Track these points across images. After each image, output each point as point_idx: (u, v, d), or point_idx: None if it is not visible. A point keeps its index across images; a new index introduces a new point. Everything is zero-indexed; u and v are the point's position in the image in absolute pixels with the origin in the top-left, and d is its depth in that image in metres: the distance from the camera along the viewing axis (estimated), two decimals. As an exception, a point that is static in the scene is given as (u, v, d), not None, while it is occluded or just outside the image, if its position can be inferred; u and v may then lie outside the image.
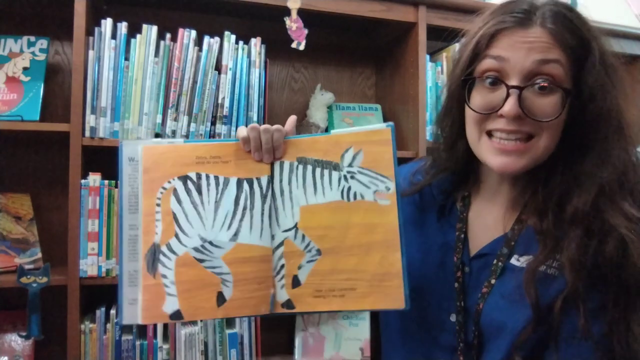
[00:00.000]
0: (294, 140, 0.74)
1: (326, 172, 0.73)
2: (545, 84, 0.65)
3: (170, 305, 0.69)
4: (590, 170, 0.66)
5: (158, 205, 0.71)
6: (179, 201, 0.71)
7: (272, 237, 0.73)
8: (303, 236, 0.72)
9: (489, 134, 0.69)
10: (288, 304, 0.72)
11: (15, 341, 1.31)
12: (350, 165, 0.72)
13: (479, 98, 0.69)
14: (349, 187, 0.72)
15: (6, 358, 1.29)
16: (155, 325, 1.30)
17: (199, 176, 0.72)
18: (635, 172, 0.67)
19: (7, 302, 1.35)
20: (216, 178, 0.72)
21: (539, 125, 0.66)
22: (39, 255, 1.36)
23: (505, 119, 0.66)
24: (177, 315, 0.70)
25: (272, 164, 0.73)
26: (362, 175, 0.72)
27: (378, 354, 1.49)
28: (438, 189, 0.81)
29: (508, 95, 0.65)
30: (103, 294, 1.34)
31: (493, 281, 0.71)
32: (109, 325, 1.27)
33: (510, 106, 0.65)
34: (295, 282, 0.72)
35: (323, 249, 0.72)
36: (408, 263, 0.71)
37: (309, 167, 0.73)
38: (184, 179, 0.72)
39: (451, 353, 0.73)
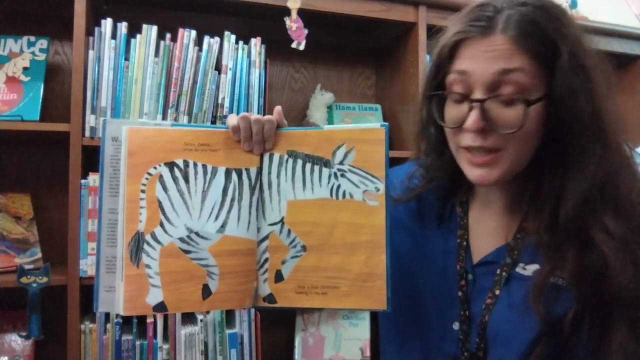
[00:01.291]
0: (285, 133, 0.73)
1: (316, 167, 0.71)
2: (508, 96, 0.62)
3: (154, 296, 0.67)
4: (572, 180, 0.63)
5: (143, 191, 0.68)
6: (164, 189, 0.68)
7: (258, 229, 0.72)
8: (289, 231, 0.71)
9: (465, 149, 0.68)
10: (270, 298, 0.72)
11: (15, 341, 1.31)
12: (341, 162, 0.71)
13: (448, 112, 0.68)
14: (339, 185, 0.71)
15: (6, 358, 1.29)
16: (155, 325, 1.30)
17: (186, 163, 0.69)
18: (617, 179, 0.63)
19: (7, 302, 1.35)
20: (204, 167, 0.70)
21: (504, 137, 0.64)
22: (39, 255, 1.36)
23: (471, 134, 0.65)
24: (160, 307, 0.67)
25: (261, 155, 0.72)
26: (352, 174, 0.71)
27: (378, 354, 1.49)
28: (435, 195, 0.80)
29: (471, 109, 0.64)
30: (103, 294, 1.34)
31: (497, 292, 0.69)
32: (109, 325, 1.27)
33: (472, 121, 0.64)
34: (278, 277, 0.71)
35: (308, 245, 0.71)
36: (409, 269, 0.70)
37: (299, 162, 0.72)
38: (171, 165, 0.69)
39: None
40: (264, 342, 1.43)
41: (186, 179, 0.69)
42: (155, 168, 0.68)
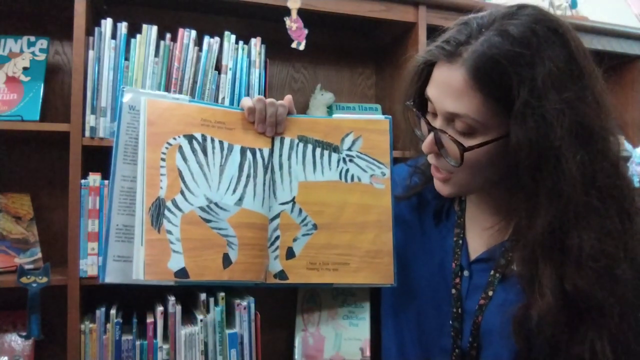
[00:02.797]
0: (296, 119, 0.76)
1: (326, 152, 0.75)
2: (458, 132, 0.63)
3: (176, 262, 0.68)
4: (535, 210, 0.61)
5: (163, 159, 0.69)
6: (184, 159, 0.70)
7: (269, 208, 0.74)
8: (300, 210, 0.74)
9: None
10: (281, 274, 0.74)
11: (15, 341, 1.31)
12: (349, 149, 0.76)
13: (423, 123, 0.70)
14: (347, 169, 0.76)
15: (6, 358, 1.29)
16: (155, 325, 1.30)
17: (204, 138, 0.72)
18: (574, 228, 0.59)
19: (7, 302, 1.35)
20: (221, 142, 0.72)
21: (452, 167, 0.65)
22: (39, 255, 1.36)
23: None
24: (182, 274, 0.68)
25: (272, 139, 0.75)
26: (360, 159, 0.76)
27: (378, 354, 1.49)
28: (433, 193, 0.80)
29: (429, 132, 0.66)
30: (103, 294, 1.34)
31: (491, 293, 0.70)
32: (109, 325, 1.27)
33: (425, 143, 0.67)
34: (290, 254, 0.74)
35: (319, 224, 0.74)
36: (408, 264, 0.71)
37: (310, 146, 0.75)
38: (190, 138, 0.71)
39: (450, 357, 0.73)
40: (264, 342, 1.43)
41: (204, 152, 0.71)
42: (174, 139, 0.70)
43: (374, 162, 0.76)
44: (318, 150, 0.75)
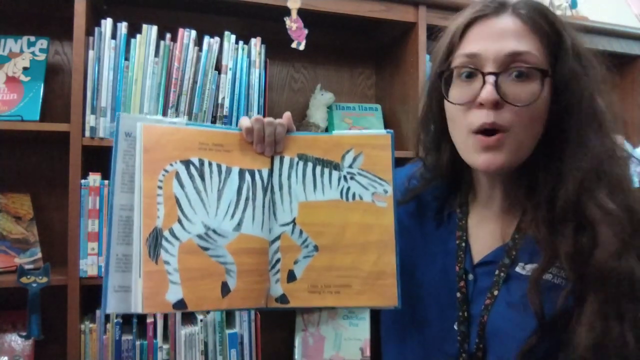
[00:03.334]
0: (295, 137, 0.75)
1: (326, 170, 0.73)
2: (522, 70, 0.64)
3: (174, 293, 0.66)
4: (570, 162, 0.65)
5: (160, 187, 0.67)
6: (181, 185, 0.68)
7: (269, 230, 0.72)
8: (301, 231, 0.72)
9: (474, 132, 0.68)
10: (282, 298, 0.72)
11: (15, 341, 1.31)
12: (350, 166, 0.73)
13: (456, 92, 0.69)
14: (349, 187, 0.73)
15: (6, 358, 1.29)
16: (155, 325, 1.30)
17: (201, 162, 0.70)
18: (611, 162, 0.66)
19: (7, 302, 1.35)
20: (219, 166, 0.71)
21: (515, 114, 0.64)
22: (39, 255, 1.36)
23: (485, 110, 0.65)
24: (180, 305, 0.66)
25: (272, 158, 0.74)
26: (361, 177, 0.73)
27: (378, 354, 1.49)
28: (432, 195, 0.80)
29: (484, 82, 0.65)
30: (103, 294, 1.35)
31: (496, 292, 0.70)
32: (109, 325, 1.27)
33: (487, 92, 0.64)
34: (291, 277, 0.72)
35: (320, 245, 0.72)
36: (409, 270, 0.71)
37: (310, 165, 0.73)
38: (187, 163, 0.69)
39: None
40: (264, 342, 1.43)
41: (202, 177, 0.69)
42: (171, 165, 0.68)
43: (375, 179, 0.73)
44: (318, 169, 0.73)
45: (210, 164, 0.70)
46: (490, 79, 0.64)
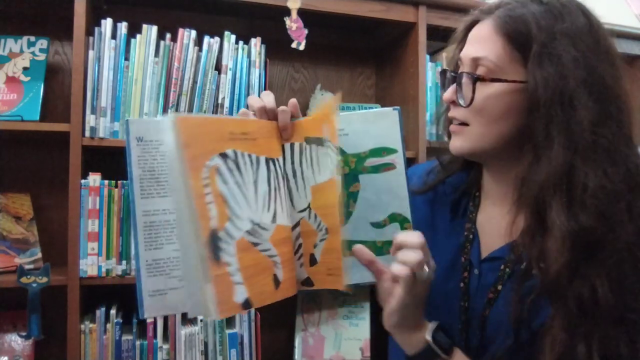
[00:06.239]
0: (300, 122, 0.74)
1: (321, 149, 0.72)
2: (472, 74, 0.68)
3: (240, 294, 0.64)
4: (533, 169, 0.64)
5: (207, 185, 0.62)
6: (224, 181, 0.64)
7: (292, 218, 0.73)
8: (315, 215, 0.72)
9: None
10: (307, 281, 0.73)
11: (15, 341, 1.31)
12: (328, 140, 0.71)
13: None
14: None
15: (6, 358, 1.29)
16: (155, 325, 1.30)
17: (235, 154, 0.66)
18: (575, 172, 0.62)
19: (7, 302, 1.35)
20: (249, 156, 0.68)
21: (469, 112, 0.69)
22: (39, 255, 1.36)
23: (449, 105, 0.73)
24: (247, 304, 0.65)
25: (282, 147, 0.73)
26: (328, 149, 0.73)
27: (378, 354, 1.49)
28: (451, 186, 0.82)
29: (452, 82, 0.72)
30: (103, 294, 1.34)
31: (500, 287, 0.70)
32: (109, 325, 1.27)
33: (445, 92, 0.72)
34: (313, 261, 0.72)
35: (329, 227, 0.71)
36: None
37: (313, 146, 0.73)
38: (223, 156, 0.64)
39: None
40: (264, 342, 1.43)
41: (239, 170, 0.66)
42: (211, 160, 0.64)
43: (329, 146, 0.72)
44: (322, 150, 0.72)
45: (242, 155, 0.67)
46: (453, 80, 0.71)
